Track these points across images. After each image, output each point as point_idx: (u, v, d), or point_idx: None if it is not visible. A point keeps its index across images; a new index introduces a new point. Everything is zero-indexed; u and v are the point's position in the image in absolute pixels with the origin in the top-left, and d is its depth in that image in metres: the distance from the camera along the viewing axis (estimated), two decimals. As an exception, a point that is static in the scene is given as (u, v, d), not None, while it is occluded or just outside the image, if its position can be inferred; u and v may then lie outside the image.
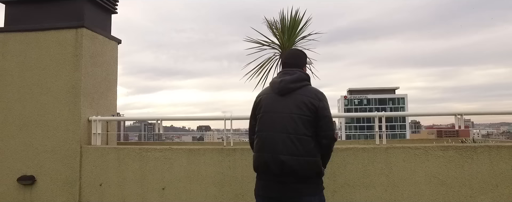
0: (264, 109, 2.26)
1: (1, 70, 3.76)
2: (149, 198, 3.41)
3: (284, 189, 2.14)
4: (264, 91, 2.39)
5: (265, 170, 2.19)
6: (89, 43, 3.76)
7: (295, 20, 4.14)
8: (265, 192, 2.23)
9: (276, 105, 2.21)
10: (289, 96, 2.20)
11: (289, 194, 2.13)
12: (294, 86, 2.22)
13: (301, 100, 2.17)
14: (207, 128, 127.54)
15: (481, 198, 3.05)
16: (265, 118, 2.23)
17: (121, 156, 3.52)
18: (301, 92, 2.21)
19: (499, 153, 3.07)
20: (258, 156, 2.23)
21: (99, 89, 3.92)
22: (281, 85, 2.22)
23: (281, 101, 2.20)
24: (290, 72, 2.30)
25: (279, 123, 2.15)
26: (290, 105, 2.17)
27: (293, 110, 2.15)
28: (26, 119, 3.66)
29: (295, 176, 2.10)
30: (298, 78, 2.25)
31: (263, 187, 2.25)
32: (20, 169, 3.60)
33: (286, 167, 2.08)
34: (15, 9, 3.86)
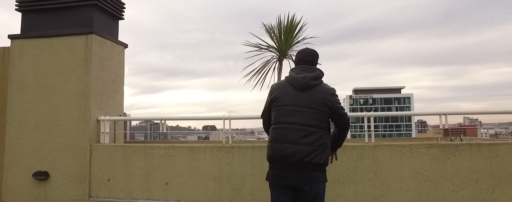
0: (283, 102, 2.38)
1: (17, 73, 4.05)
2: (154, 192, 3.67)
3: (299, 177, 2.27)
4: (280, 85, 2.50)
5: (282, 160, 2.30)
6: (98, 48, 4.03)
7: (291, 25, 4.36)
8: (282, 181, 2.33)
9: (297, 100, 2.35)
10: (309, 92, 2.35)
11: (304, 182, 2.28)
12: (315, 83, 2.38)
13: (319, 97, 2.34)
14: (212, 128, 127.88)
15: (462, 193, 3.25)
16: (285, 111, 2.35)
17: (128, 153, 3.78)
18: (318, 89, 2.38)
19: (479, 150, 3.27)
20: (276, 146, 2.33)
21: (107, 91, 4.20)
22: (304, 82, 2.36)
23: (302, 96, 2.35)
24: (309, 69, 2.44)
25: (300, 117, 2.30)
26: (310, 100, 2.33)
27: (313, 105, 2.32)
28: (40, 119, 3.94)
29: (311, 165, 2.26)
30: (318, 76, 2.42)
31: (278, 176, 2.34)
32: (35, 165, 3.89)
33: (306, 156, 2.24)
34: (30, 17, 4.15)
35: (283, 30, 4.42)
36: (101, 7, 4.14)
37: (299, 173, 2.27)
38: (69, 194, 3.82)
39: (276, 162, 2.34)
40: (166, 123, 3.97)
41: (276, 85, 2.54)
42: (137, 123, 79.19)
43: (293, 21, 4.42)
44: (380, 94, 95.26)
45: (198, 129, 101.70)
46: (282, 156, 2.29)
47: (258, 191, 3.45)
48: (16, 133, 3.98)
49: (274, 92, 2.47)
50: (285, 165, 2.29)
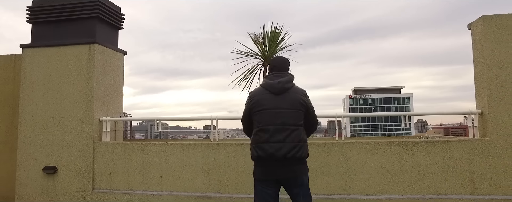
0: (264, 106, 2.61)
1: (28, 79, 4.52)
2: (149, 184, 4.14)
3: (285, 171, 2.55)
4: (257, 92, 2.73)
5: (268, 157, 2.54)
6: (100, 56, 4.50)
7: (274, 34, 4.82)
8: (268, 176, 2.59)
9: (274, 103, 2.60)
10: (285, 95, 2.62)
11: (289, 175, 2.57)
12: (288, 86, 2.66)
13: (295, 98, 2.62)
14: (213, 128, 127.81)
15: (419, 184, 3.71)
16: (268, 114, 2.59)
17: (127, 150, 4.25)
18: (292, 91, 2.65)
19: (434, 147, 3.74)
20: (263, 146, 2.55)
21: (108, 94, 4.66)
22: (280, 86, 2.63)
23: (278, 99, 2.60)
24: (282, 74, 2.71)
25: (280, 118, 2.56)
26: (287, 102, 2.60)
27: (289, 106, 2.60)
28: (49, 120, 4.42)
29: (294, 159, 2.54)
30: (290, 79, 2.70)
31: (265, 172, 2.59)
32: (44, 161, 4.37)
33: (289, 152, 2.52)
34: (40, 28, 4.62)
35: (268, 38, 4.88)
36: (103, 19, 4.61)
37: (285, 168, 2.55)
38: (75, 186, 4.30)
39: (264, 160, 2.57)
40: (166, 123, 4.43)
41: (254, 93, 2.75)
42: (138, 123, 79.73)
43: (276, 30, 4.89)
44: (379, 94, 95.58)
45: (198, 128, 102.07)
46: (269, 154, 2.53)
47: (241, 182, 3.92)
48: (27, 132, 4.46)
49: (253, 98, 2.71)
50: (272, 161, 2.54)
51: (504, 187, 3.59)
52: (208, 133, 4.64)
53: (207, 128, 76.38)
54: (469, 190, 3.64)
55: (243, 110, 2.82)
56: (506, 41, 3.69)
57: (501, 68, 3.70)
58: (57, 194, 4.32)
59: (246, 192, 3.89)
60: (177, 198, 4.01)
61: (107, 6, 4.66)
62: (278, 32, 4.88)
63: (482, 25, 3.79)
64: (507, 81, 3.68)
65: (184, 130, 69.65)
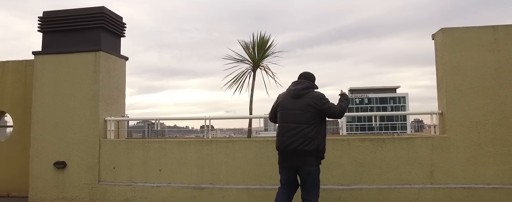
0: (283, 107, 3.34)
1: (40, 83, 5.01)
2: (150, 177, 4.64)
3: (295, 160, 3.20)
4: (282, 95, 3.45)
5: (283, 149, 3.21)
6: (105, 62, 5.00)
7: (262, 42, 5.34)
8: (284, 163, 3.31)
9: (291, 105, 3.28)
10: (300, 99, 3.26)
11: (298, 164, 3.20)
12: (303, 92, 3.29)
13: (307, 102, 3.23)
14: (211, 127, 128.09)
15: (387, 176, 4.24)
16: (283, 114, 3.32)
17: (129, 147, 4.75)
18: (307, 96, 3.27)
19: (400, 143, 4.27)
20: (279, 139, 3.26)
21: (112, 97, 5.16)
22: (295, 92, 3.31)
23: (295, 102, 3.27)
24: (300, 82, 3.39)
25: (293, 117, 3.22)
26: (300, 104, 3.24)
27: (302, 108, 3.22)
28: (59, 120, 4.91)
29: (303, 152, 3.13)
30: (306, 87, 3.34)
31: (283, 159, 3.31)
32: (55, 157, 4.86)
33: (299, 145, 3.13)
34: (50, 37, 5.11)
35: (256, 46, 5.40)
36: (107, 28, 5.11)
37: (295, 157, 3.18)
38: (83, 179, 4.79)
39: (280, 150, 3.27)
40: (164, 123, 4.94)
41: (280, 95, 3.49)
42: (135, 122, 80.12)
43: (264, 38, 5.41)
44: (375, 93, 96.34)
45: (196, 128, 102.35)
46: (284, 146, 3.21)
47: (231, 175, 4.43)
48: (39, 131, 4.95)
49: (278, 100, 3.48)
50: (286, 152, 3.22)
51: (458, 177, 4.13)
52: (205, 133, 5.16)
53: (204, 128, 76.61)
54: (429, 180, 4.18)
55: (271, 107, 3.58)
56: (460, 51, 4.23)
57: (457, 74, 4.24)
58: (67, 187, 4.82)
59: (235, 184, 4.41)
60: (175, 189, 4.52)
61: (110, 17, 5.16)
62: (266, 40, 5.40)
63: (442, 36, 4.32)
64: (462, 85, 4.22)
65: (181, 129, 70.13)
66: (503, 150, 4.11)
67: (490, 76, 4.20)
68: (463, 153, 4.15)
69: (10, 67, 5.59)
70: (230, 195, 4.38)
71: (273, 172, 4.29)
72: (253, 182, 4.37)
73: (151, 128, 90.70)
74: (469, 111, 4.19)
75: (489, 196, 4.06)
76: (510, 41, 4.20)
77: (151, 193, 4.57)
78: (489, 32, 4.24)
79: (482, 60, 4.22)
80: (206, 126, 4.88)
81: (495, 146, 4.12)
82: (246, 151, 4.42)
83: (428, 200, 4.13)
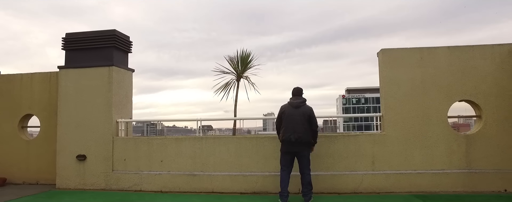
0: (287, 114, 4.74)
1: (64, 91, 6.20)
2: (153, 166, 5.83)
3: (296, 147, 4.66)
4: (285, 106, 4.86)
5: (288, 140, 4.64)
6: (116, 74, 6.19)
7: (244, 57, 6.55)
8: (287, 149, 4.71)
9: (293, 112, 4.73)
10: (299, 109, 4.73)
11: (298, 149, 4.67)
12: (301, 104, 4.81)
13: (304, 111, 4.73)
14: (209, 128, 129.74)
15: (338, 165, 5.43)
16: (289, 118, 4.71)
17: (137, 143, 5.95)
18: (303, 107, 4.78)
19: (349, 139, 5.46)
20: (286, 135, 4.65)
21: (122, 102, 6.35)
22: (296, 104, 4.78)
23: (295, 110, 4.73)
24: (299, 98, 4.88)
25: (296, 121, 4.67)
26: (300, 113, 4.71)
27: (300, 114, 4.70)
28: (80, 121, 6.10)
29: (300, 142, 4.63)
30: (303, 101, 4.85)
31: (286, 148, 4.71)
32: (77, 151, 6.05)
33: (298, 138, 4.60)
34: (71, 54, 6.30)
35: (240, 60, 6.60)
36: (118, 47, 6.30)
37: (295, 146, 4.66)
38: (99, 169, 5.98)
39: (286, 142, 4.68)
40: (162, 123, 6.13)
41: (284, 106, 4.92)
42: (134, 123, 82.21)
43: (246, 54, 6.62)
44: (372, 93, 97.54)
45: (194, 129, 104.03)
46: (288, 139, 4.66)
47: (217, 164, 5.63)
48: (64, 130, 6.14)
49: (283, 109, 4.89)
50: (290, 142, 4.67)
51: (393, 165, 5.33)
52: (197, 131, 6.36)
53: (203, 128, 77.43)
54: (371, 168, 5.38)
55: (277, 115, 5.00)
56: (395, 67, 5.44)
57: (393, 85, 5.45)
58: (86, 175, 6.01)
59: (221, 171, 5.60)
60: (173, 176, 5.71)
61: (120, 38, 6.35)
62: (247, 55, 6.61)
63: (382, 55, 5.53)
64: (396, 94, 5.43)
65: (180, 129, 71.25)
66: (426, 143, 5.32)
67: (418, 87, 5.41)
68: (397, 146, 5.36)
69: (37, 78, 6.79)
70: (217, 180, 5.58)
71: (250, 162, 5.52)
72: (234, 170, 5.57)
73: (150, 128, 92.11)
74: (402, 114, 5.40)
75: (416, 179, 5.27)
76: (432, 60, 5.41)
77: (154, 179, 5.77)
78: (417, 53, 5.45)
79: (411, 74, 5.43)
80: (201, 126, 6.07)
81: (420, 140, 5.33)
82: (228, 145, 5.62)
83: (370, 183, 5.33)
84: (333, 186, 5.35)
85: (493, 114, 5.29)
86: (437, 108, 5.37)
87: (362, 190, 5.31)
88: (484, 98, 5.33)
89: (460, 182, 5.21)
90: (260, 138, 5.63)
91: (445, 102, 5.37)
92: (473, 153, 5.25)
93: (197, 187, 5.60)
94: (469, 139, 5.30)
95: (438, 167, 5.27)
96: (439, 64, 5.41)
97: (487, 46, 5.40)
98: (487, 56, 5.35)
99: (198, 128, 5.95)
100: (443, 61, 5.41)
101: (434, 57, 5.43)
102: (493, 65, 5.34)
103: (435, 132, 5.32)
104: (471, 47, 5.41)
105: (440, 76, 5.40)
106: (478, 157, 5.24)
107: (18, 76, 6.90)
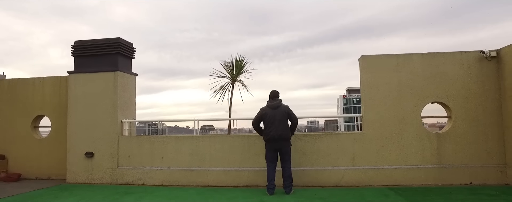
0: (268, 115, 5.31)
1: (73, 95, 6.79)
2: (155, 163, 6.41)
3: (279, 144, 5.26)
4: (265, 108, 5.41)
5: (272, 138, 5.22)
6: (121, 79, 6.77)
7: (238, 62, 7.13)
8: (273, 146, 5.29)
9: (272, 113, 5.30)
10: (277, 109, 5.32)
11: (281, 146, 5.27)
12: (278, 105, 5.39)
13: (282, 110, 5.32)
14: (210, 128, 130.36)
15: (322, 161, 5.99)
16: (271, 119, 5.27)
17: (140, 141, 6.53)
18: (281, 108, 5.36)
19: (332, 137, 6.02)
20: (270, 133, 5.23)
21: (126, 104, 6.93)
22: (274, 106, 5.37)
23: (274, 111, 5.32)
24: (276, 100, 5.46)
25: (278, 120, 5.25)
26: (279, 113, 5.30)
27: (281, 114, 5.30)
28: (88, 122, 6.69)
29: (283, 138, 5.25)
30: (280, 102, 5.44)
31: (271, 144, 5.30)
32: (86, 148, 6.64)
33: (281, 135, 5.21)
34: (80, 60, 6.89)
35: (234, 65, 7.18)
36: (122, 53, 6.88)
37: (279, 142, 5.27)
38: (106, 165, 6.57)
39: (271, 140, 5.27)
40: (164, 123, 6.71)
41: (263, 108, 5.48)
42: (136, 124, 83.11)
43: (240, 59, 7.19)
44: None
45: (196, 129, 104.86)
46: (272, 136, 5.25)
47: (213, 160, 6.20)
48: (73, 130, 6.73)
49: (263, 111, 5.43)
50: (274, 140, 5.26)
51: (371, 161, 5.89)
52: (194, 131, 6.93)
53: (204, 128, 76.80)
54: (351, 163, 5.93)
55: (255, 116, 5.51)
56: (372, 72, 6.00)
57: (372, 88, 6.01)
58: (94, 170, 6.60)
59: (215, 167, 6.17)
60: (173, 171, 6.29)
61: (125, 45, 6.93)
62: (241, 60, 7.18)
63: (362, 61, 6.09)
64: (375, 96, 5.98)
65: (181, 129, 71.98)
66: (402, 141, 5.88)
67: (394, 90, 5.96)
68: (375, 144, 5.91)
69: (48, 82, 7.38)
70: (212, 175, 6.15)
71: (242, 158, 6.09)
72: (228, 165, 6.14)
73: (152, 128, 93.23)
74: (380, 114, 5.95)
75: (392, 173, 5.83)
76: (407, 65, 5.97)
77: (156, 174, 6.35)
78: (393, 59, 6.01)
79: (388, 78, 5.98)
80: (203, 126, 6.65)
81: (396, 139, 5.89)
82: (223, 144, 6.20)
83: (351, 177, 5.89)
84: (317, 180, 5.90)
85: (461, 115, 5.84)
86: (412, 109, 5.92)
87: (343, 183, 5.86)
88: (453, 100, 5.88)
89: (431, 176, 5.76)
90: (251, 137, 6.20)
91: (419, 104, 5.92)
92: (443, 150, 5.81)
93: (194, 181, 6.18)
94: (440, 137, 5.85)
95: (412, 163, 5.82)
96: (414, 70, 5.96)
97: (456, 53, 5.95)
98: (456, 62, 5.90)
99: (196, 127, 6.52)
100: (417, 67, 5.97)
101: (409, 63, 5.98)
102: (462, 70, 5.89)
103: (409, 131, 5.88)
104: (442, 54, 5.96)
105: (414, 80, 5.95)
106: (448, 154, 5.79)
107: (31, 80, 7.50)
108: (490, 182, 5.64)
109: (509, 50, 5.55)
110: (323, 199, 4.91)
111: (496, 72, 5.81)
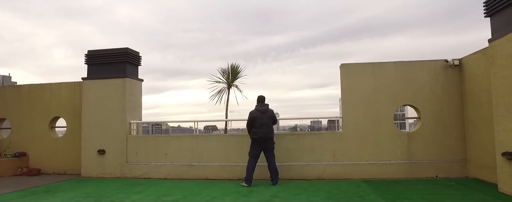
0: (258, 118, 6.06)
1: (87, 99, 7.65)
2: (159, 158, 7.24)
3: (266, 143, 6.12)
4: (254, 111, 6.16)
5: (259, 138, 6.01)
6: (129, 84, 7.61)
7: (234, 69, 7.94)
8: (261, 145, 6.11)
9: (261, 116, 6.08)
10: (265, 113, 6.13)
11: (266, 146, 6.13)
12: (266, 110, 6.20)
13: (269, 115, 6.16)
14: (213, 128, 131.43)
15: (306, 157, 6.78)
16: (259, 122, 6.04)
17: (146, 140, 7.36)
18: (268, 112, 6.20)
19: (314, 136, 6.82)
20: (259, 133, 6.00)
21: (133, 107, 7.77)
22: (263, 109, 6.18)
23: (263, 114, 6.11)
24: (264, 104, 6.27)
25: (265, 123, 6.06)
26: (267, 116, 6.12)
27: (268, 118, 6.13)
28: (100, 122, 7.53)
29: (269, 138, 6.11)
30: (267, 107, 6.27)
31: (257, 143, 6.11)
32: (98, 146, 7.49)
33: (267, 135, 6.06)
34: (93, 68, 7.74)
35: (230, 71, 7.99)
36: (130, 62, 7.72)
37: (267, 141, 6.11)
38: (116, 161, 7.41)
39: (258, 139, 6.05)
40: (167, 124, 7.54)
41: (253, 112, 6.22)
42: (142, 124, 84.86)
43: (236, 66, 8.01)
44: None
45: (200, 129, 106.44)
46: (259, 136, 6.03)
47: (211, 157, 7.02)
48: (87, 130, 7.59)
49: (253, 115, 6.18)
50: (260, 139, 6.06)
51: (350, 157, 6.67)
52: (194, 130, 7.70)
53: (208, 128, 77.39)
54: (332, 159, 6.72)
55: (248, 119, 6.31)
56: (352, 78, 6.78)
57: (350, 93, 6.79)
58: (106, 166, 7.44)
59: (213, 162, 6.99)
60: (175, 166, 7.12)
61: (132, 54, 7.77)
62: (237, 67, 8.00)
63: (342, 68, 6.88)
64: (353, 100, 6.77)
65: (185, 129, 72.94)
66: (376, 139, 6.66)
67: (370, 94, 6.74)
68: (353, 142, 6.70)
69: (64, 86, 8.24)
70: (210, 169, 6.97)
71: (236, 154, 6.90)
72: (223, 161, 6.95)
73: (155, 128, 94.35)
74: (357, 116, 6.74)
75: (368, 168, 6.60)
76: (382, 72, 6.75)
77: (160, 169, 7.18)
78: (369, 66, 6.78)
79: (365, 84, 6.76)
80: (206, 126, 7.47)
81: (372, 137, 6.67)
82: (219, 141, 7.01)
83: (331, 172, 6.68)
84: (302, 173, 6.70)
85: (429, 116, 6.61)
86: (386, 111, 6.70)
87: (325, 177, 6.65)
88: (422, 103, 6.65)
89: (402, 170, 6.53)
90: (245, 136, 7.00)
91: (392, 106, 6.70)
92: (413, 147, 6.58)
93: (194, 175, 7.00)
94: (410, 136, 6.63)
95: (385, 159, 6.60)
96: (387, 76, 6.74)
97: (425, 61, 6.72)
98: (425, 70, 6.67)
99: (196, 127, 7.35)
100: (390, 74, 6.74)
101: (383, 70, 6.76)
102: (429, 77, 6.65)
103: (383, 131, 6.65)
104: (412, 62, 6.73)
105: (388, 86, 6.72)
106: (417, 150, 6.56)
107: (48, 85, 8.36)
108: (453, 175, 6.41)
109: (469, 60, 6.32)
110: (304, 188, 5.70)
111: (459, 79, 6.58)
